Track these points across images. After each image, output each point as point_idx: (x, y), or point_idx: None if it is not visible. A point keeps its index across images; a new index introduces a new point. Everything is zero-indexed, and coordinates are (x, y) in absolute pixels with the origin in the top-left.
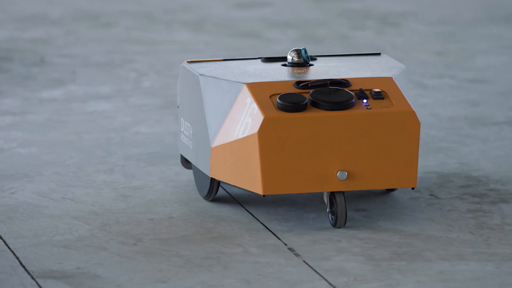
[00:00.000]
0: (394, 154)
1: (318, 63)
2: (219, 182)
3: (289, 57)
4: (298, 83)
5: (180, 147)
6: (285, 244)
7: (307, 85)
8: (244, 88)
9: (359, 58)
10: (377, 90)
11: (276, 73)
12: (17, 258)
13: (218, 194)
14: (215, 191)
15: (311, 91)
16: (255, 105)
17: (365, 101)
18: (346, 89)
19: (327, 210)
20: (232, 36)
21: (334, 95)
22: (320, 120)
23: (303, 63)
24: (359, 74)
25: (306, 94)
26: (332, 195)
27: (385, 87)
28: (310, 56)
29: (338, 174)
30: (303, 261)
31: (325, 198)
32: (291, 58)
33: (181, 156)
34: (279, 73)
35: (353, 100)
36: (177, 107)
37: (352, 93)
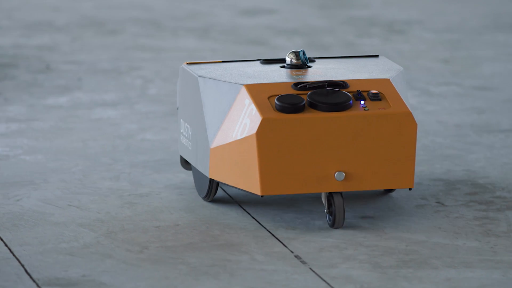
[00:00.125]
0: (391, 155)
1: (317, 65)
2: (218, 183)
3: (287, 59)
4: (296, 85)
5: (180, 148)
6: (292, 252)
7: (305, 86)
8: (243, 90)
9: (357, 60)
10: (374, 91)
11: (274, 75)
12: (22, 265)
13: (223, 200)
14: (214, 192)
15: (309, 92)
16: (253, 106)
17: (362, 102)
18: (343, 91)
19: (325, 211)
20: (238, 43)
21: (331, 96)
22: (318, 121)
23: (301, 65)
24: (356, 76)
25: (304, 95)
26: (330, 196)
27: (382, 89)
28: (308, 58)
29: (335, 174)
30: (310, 268)
31: (323, 199)
32: (290, 60)
33: (181, 157)
34: (277, 75)
35: (351, 102)
36: (176, 108)
37: (350, 94)
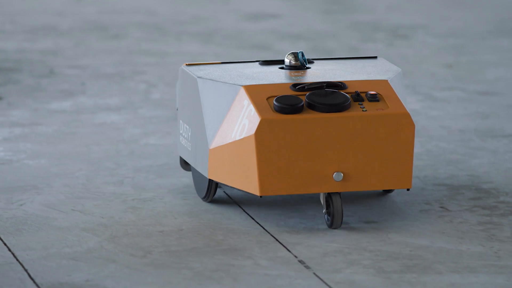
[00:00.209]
0: (389, 155)
1: (315, 66)
2: (217, 184)
3: (286, 60)
4: (294, 86)
5: (179, 149)
6: (296, 257)
7: (303, 87)
8: (242, 91)
9: (355, 61)
10: (372, 92)
11: (273, 76)
12: (26, 270)
13: (227, 204)
14: (213, 193)
15: (307, 93)
16: (252, 107)
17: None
18: (342, 92)
19: (324, 211)
20: (242, 48)
21: (330, 97)
22: (316, 122)
23: (300, 66)
24: (355, 77)
25: (303, 96)
26: (328, 196)
27: (380, 90)
28: (307, 59)
29: (334, 175)
30: (314, 273)
31: (322, 199)
32: (289, 61)
33: (180, 158)
34: (276, 76)
35: (349, 102)
36: (176, 109)
37: (348, 95)
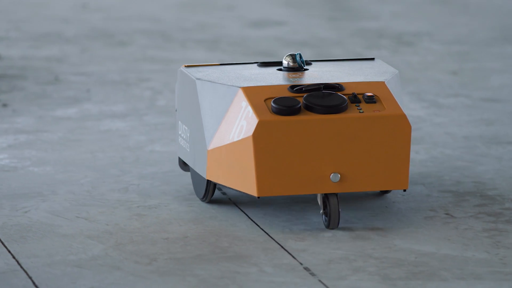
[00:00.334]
0: (386, 156)
1: (313, 68)
2: (215, 184)
3: (284, 62)
4: (292, 87)
5: (178, 150)
6: (301, 264)
7: (301, 89)
8: (240, 92)
9: (353, 62)
10: (369, 94)
11: (271, 78)
12: (30, 278)
13: (232, 211)
14: (211, 193)
15: (305, 95)
16: (250, 109)
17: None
18: (339, 93)
19: (321, 212)
20: (247, 55)
21: (327, 99)
22: (313, 123)
23: (298, 67)
24: (352, 79)
25: (300, 98)
26: (325, 197)
27: (377, 91)
28: (305, 61)
29: (331, 176)
30: (319, 280)
31: (319, 200)
32: (287, 62)
33: (179, 159)
34: (274, 78)
35: (346, 104)
36: (175, 110)
37: (345, 97)
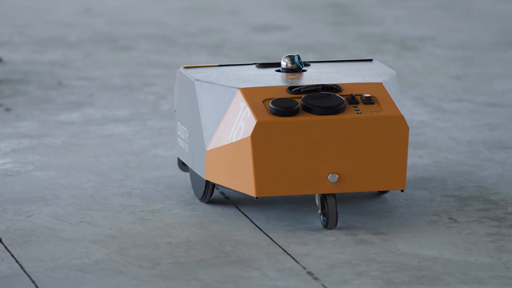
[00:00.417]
0: (383, 157)
1: (311, 69)
2: (213, 185)
3: (283, 63)
4: (290, 88)
5: (177, 151)
6: (304, 268)
7: (299, 90)
8: (238, 93)
9: (351, 64)
10: (367, 95)
11: (269, 79)
12: (33, 282)
13: (235, 215)
14: (210, 194)
15: (303, 96)
16: (248, 110)
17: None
18: (337, 94)
19: (319, 212)
20: (250, 59)
21: (325, 100)
22: (311, 124)
23: (296, 69)
24: (350, 80)
25: (298, 99)
26: (323, 197)
27: (375, 92)
28: (304, 62)
29: (329, 176)
30: (322, 285)
31: (317, 200)
32: (285, 64)
33: (178, 159)
34: (272, 79)
35: (344, 105)
36: (174, 111)
37: (343, 98)
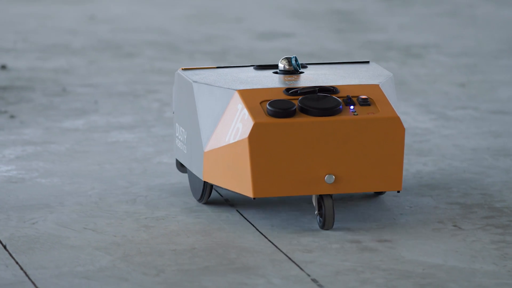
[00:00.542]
0: (380, 158)
1: (309, 71)
2: (211, 186)
3: (280, 65)
4: (287, 90)
5: (175, 152)
6: (308, 275)
7: (296, 92)
8: (236, 95)
9: (348, 66)
10: (364, 96)
11: (267, 80)
12: None
13: (240, 223)
14: (208, 195)
15: (300, 97)
16: (245, 111)
17: (352, 107)
18: (333, 96)
19: (316, 213)
20: None
21: (322, 101)
22: (308, 126)
23: (293, 70)
24: (347, 82)
25: (295, 100)
26: (320, 198)
27: (371, 94)
28: (301, 64)
29: (326, 177)
30: None
31: (314, 201)
32: (282, 66)
33: (176, 160)
34: (270, 80)
35: (341, 106)
36: (172, 112)
37: (340, 99)
